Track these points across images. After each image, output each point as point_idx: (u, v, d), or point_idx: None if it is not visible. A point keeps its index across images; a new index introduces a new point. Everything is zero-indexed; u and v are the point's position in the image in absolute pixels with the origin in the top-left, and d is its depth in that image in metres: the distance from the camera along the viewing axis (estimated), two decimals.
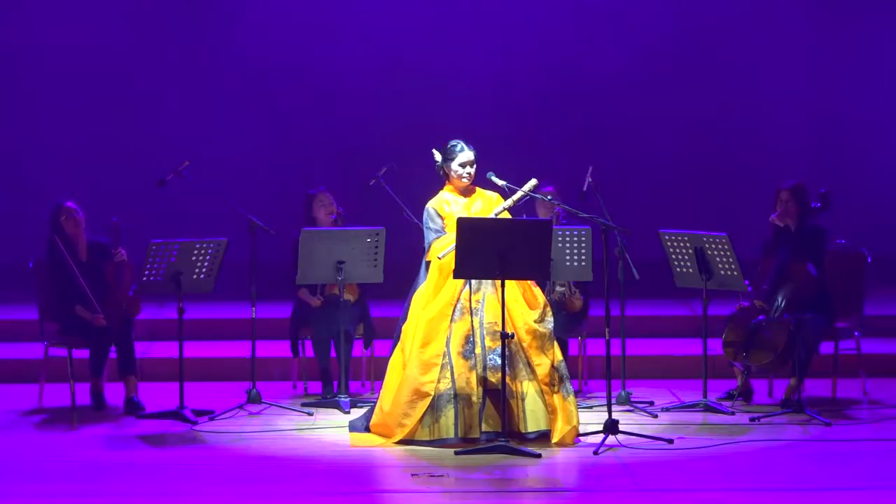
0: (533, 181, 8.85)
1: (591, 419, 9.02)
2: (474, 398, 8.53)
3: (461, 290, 8.71)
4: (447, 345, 8.63)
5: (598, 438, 8.47)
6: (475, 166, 8.85)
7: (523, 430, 8.49)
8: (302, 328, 10.17)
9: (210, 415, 9.40)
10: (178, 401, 9.37)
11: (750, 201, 13.09)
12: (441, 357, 8.62)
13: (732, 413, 9.34)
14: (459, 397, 8.54)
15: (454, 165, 8.84)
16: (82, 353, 9.72)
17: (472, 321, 8.63)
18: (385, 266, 9.69)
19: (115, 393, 9.78)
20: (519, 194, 8.79)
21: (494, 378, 8.52)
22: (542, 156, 13.58)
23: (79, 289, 9.51)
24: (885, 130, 13.87)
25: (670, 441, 8.54)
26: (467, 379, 8.56)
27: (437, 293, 8.74)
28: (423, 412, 8.57)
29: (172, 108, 13.81)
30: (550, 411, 8.54)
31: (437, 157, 8.89)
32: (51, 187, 13.30)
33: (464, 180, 8.85)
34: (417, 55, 13.85)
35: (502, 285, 8.42)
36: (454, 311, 8.68)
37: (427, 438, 8.55)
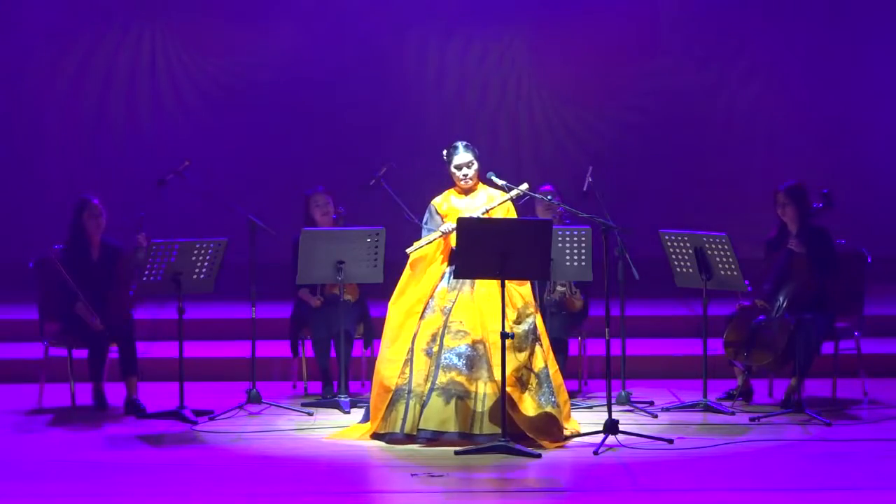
0: (524, 185, 8.86)
1: (591, 419, 9.02)
2: (425, 397, 8.54)
3: (434, 288, 8.71)
4: (413, 341, 8.64)
5: (598, 438, 8.47)
6: (474, 167, 8.84)
7: (475, 432, 8.42)
8: (302, 328, 10.17)
9: (210, 415, 9.40)
10: (178, 401, 9.37)
11: (750, 201, 13.09)
12: (405, 353, 8.63)
13: (732, 413, 9.34)
14: (413, 393, 8.54)
15: (452, 168, 8.85)
16: (82, 353, 9.72)
17: (441, 320, 8.63)
18: (385, 266, 9.69)
19: (115, 393, 9.78)
20: (514, 193, 8.80)
21: (445, 377, 8.49)
22: (543, 155, 13.58)
23: (77, 293, 9.51)
24: (886, 130, 13.86)
25: (670, 441, 8.54)
26: (424, 376, 8.56)
27: (407, 287, 8.76)
28: (386, 406, 8.60)
29: (173, 107, 13.82)
30: (506, 412, 8.36)
31: (445, 155, 8.92)
32: (51, 187, 13.34)
33: (461, 182, 8.85)
34: (417, 53, 13.85)
35: (502, 285, 8.40)
36: (425, 308, 8.69)
37: (381, 431, 8.59)
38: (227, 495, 7.52)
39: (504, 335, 8.36)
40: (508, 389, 8.41)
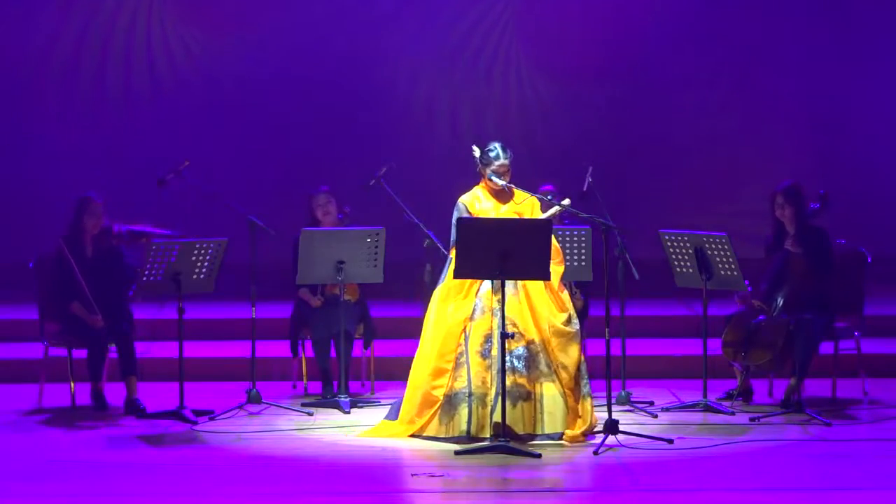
0: (566, 200, 8.93)
1: None
2: (488, 398, 8.55)
3: (478, 289, 8.72)
4: (465, 342, 8.66)
5: (598, 438, 8.48)
6: (510, 171, 8.88)
7: (538, 432, 8.52)
8: (302, 328, 10.17)
9: (210, 415, 9.40)
10: (178, 401, 9.37)
11: (750, 201, 13.08)
12: (456, 357, 8.65)
13: (732, 413, 9.34)
14: (474, 396, 8.58)
15: (488, 171, 8.87)
16: (82, 353, 9.72)
17: (492, 321, 8.64)
18: (385, 266, 9.69)
19: (115, 393, 9.78)
20: (553, 210, 8.93)
21: (509, 381, 8.54)
22: (543, 155, 13.58)
23: (78, 287, 9.51)
24: (886, 130, 13.86)
25: (670, 441, 8.54)
26: (483, 378, 8.59)
27: (451, 299, 8.76)
28: (429, 416, 8.65)
29: (173, 107, 13.82)
30: (571, 412, 8.58)
31: (476, 153, 8.93)
32: (51, 188, 13.33)
33: (495, 185, 8.87)
34: (418, 53, 13.85)
35: (502, 285, 8.43)
36: (474, 310, 8.71)
37: (443, 435, 8.60)
38: (227, 495, 7.52)
39: (504, 335, 8.39)
40: (568, 391, 8.57)
